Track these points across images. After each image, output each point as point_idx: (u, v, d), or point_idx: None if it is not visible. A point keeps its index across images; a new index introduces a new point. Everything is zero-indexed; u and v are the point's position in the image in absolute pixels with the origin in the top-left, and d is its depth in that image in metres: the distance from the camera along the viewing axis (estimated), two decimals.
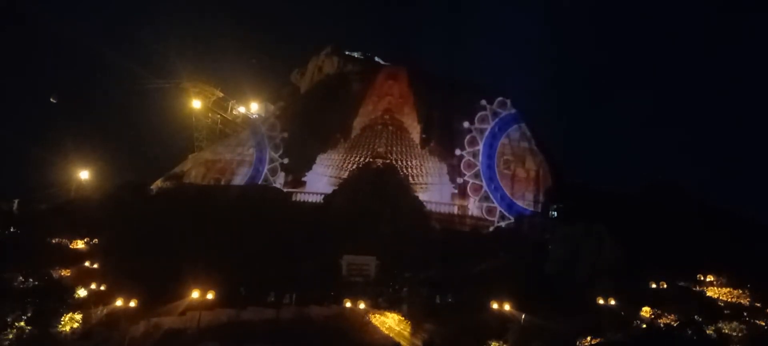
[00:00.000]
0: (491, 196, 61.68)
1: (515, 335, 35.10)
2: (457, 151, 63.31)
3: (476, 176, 62.26)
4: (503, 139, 64.19)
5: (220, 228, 45.36)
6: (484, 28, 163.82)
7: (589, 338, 34.96)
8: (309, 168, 64.43)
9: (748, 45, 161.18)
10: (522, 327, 35.59)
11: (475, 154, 63.07)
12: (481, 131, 63.90)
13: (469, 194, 61.98)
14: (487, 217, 60.56)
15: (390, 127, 66.79)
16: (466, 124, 63.93)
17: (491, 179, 62.49)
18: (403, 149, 65.57)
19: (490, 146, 63.60)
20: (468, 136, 63.88)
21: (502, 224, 60.16)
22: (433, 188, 62.36)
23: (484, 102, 65.02)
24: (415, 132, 67.74)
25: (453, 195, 62.64)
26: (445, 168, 64.21)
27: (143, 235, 43.24)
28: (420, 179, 63.09)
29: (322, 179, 63.70)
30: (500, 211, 61.12)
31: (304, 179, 63.75)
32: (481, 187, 61.87)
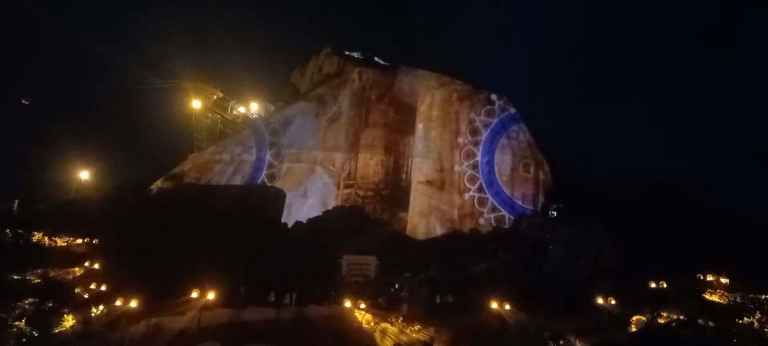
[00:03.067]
0: (491, 197, 61.68)
1: (515, 336, 35.19)
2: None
3: (479, 189, 62.23)
4: (503, 140, 64.12)
5: (220, 228, 45.38)
6: (484, 28, 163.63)
7: (589, 338, 35.02)
8: (306, 175, 64.87)
9: (749, 45, 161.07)
10: (522, 327, 35.67)
11: (474, 166, 63.01)
12: (483, 128, 63.89)
13: (474, 203, 61.91)
14: (488, 219, 60.54)
15: (389, 136, 67.43)
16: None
17: (491, 180, 62.47)
18: (402, 152, 65.77)
19: (490, 147, 63.59)
20: (465, 149, 63.81)
21: (501, 223, 60.13)
22: (432, 190, 62.49)
23: (483, 103, 65.13)
24: (415, 138, 67.41)
25: (453, 200, 62.49)
26: (444, 173, 64.02)
27: (143, 235, 43.28)
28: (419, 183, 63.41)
29: (319, 181, 63.87)
30: (500, 211, 61.10)
31: (302, 183, 63.97)
32: (485, 195, 61.93)
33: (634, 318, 37.50)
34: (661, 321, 37.27)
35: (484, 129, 64.16)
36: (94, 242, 43.78)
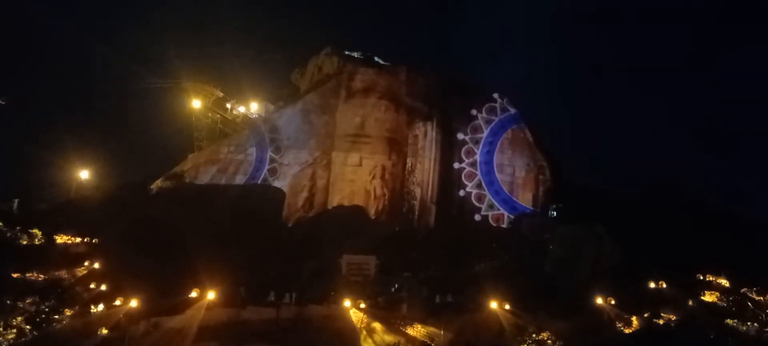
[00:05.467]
0: (491, 196, 61.72)
1: (515, 335, 35.21)
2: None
3: (478, 186, 62.21)
4: (502, 140, 64.18)
5: (220, 228, 45.37)
6: (486, 28, 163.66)
7: (589, 338, 35.03)
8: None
9: (749, 46, 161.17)
10: (521, 327, 35.71)
11: (473, 164, 62.97)
12: (484, 124, 63.94)
13: (468, 189, 61.88)
14: (490, 221, 60.58)
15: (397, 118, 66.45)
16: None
17: (490, 180, 62.51)
18: (402, 151, 65.57)
19: (490, 147, 63.61)
20: (465, 147, 63.78)
21: (502, 223, 60.17)
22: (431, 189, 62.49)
23: (483, 103, 65.21)
24: (413, 136, 67.00)
25: (452, 199, 62.43)
26: (444, 171, 63.93)
27: (143, 235, 43.25)
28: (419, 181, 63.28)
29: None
30: (500, 211, 61.13)
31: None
32: (482, 191, 61.92)
33: (634, 318, 37.53)
34: (661, 321, 37.29)
35: (484, 129, 64.22)
36: (94, 242, 43.77)
